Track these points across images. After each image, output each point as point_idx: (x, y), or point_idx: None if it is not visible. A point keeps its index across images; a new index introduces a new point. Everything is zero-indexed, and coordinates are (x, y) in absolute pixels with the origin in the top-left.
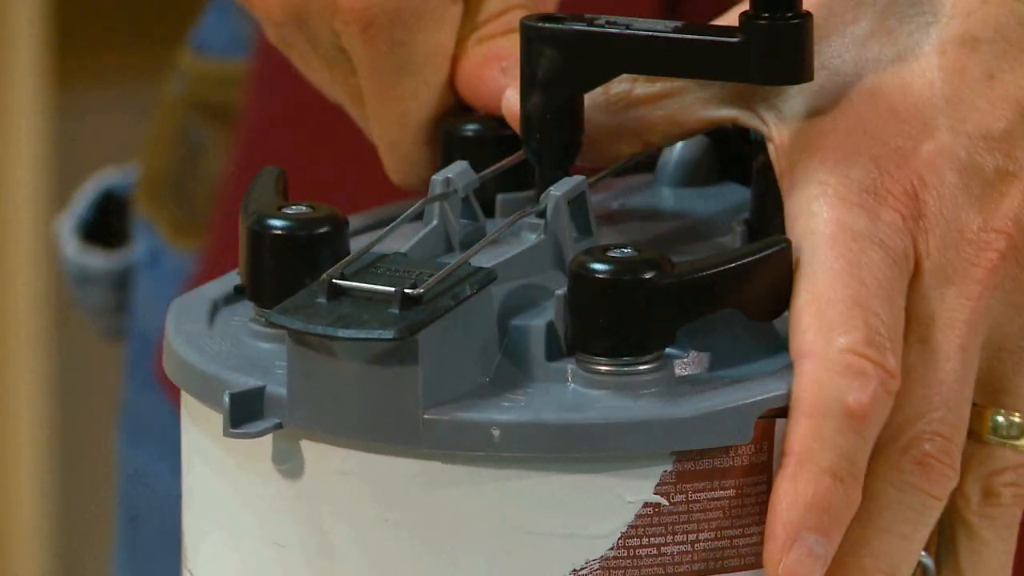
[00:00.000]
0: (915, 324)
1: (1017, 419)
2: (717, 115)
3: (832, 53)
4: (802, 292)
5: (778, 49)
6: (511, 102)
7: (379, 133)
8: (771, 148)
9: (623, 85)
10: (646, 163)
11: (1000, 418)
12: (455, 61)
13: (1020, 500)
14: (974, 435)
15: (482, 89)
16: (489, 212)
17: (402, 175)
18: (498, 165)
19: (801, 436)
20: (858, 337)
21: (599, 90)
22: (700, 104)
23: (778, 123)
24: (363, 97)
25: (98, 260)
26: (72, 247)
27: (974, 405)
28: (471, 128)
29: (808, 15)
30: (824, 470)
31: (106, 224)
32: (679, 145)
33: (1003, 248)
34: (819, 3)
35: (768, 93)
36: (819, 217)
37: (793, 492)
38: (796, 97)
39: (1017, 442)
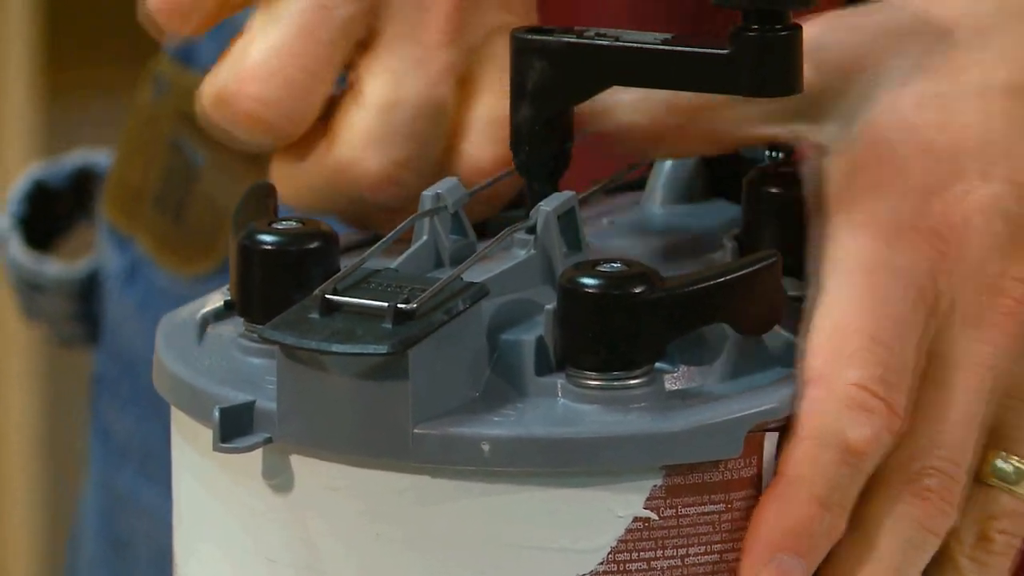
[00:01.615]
0: (933, 363)
1: (1016, 463)
2: (758, 132)
3: (873, 83)
4: (820, 318)
5: (767, 61)
6: None
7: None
8: (806, 170)
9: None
10: (636, 180)
11: (1000, 462)
12: None
13: (1011, 550)
14: (975, 476)
15: None
16: (482, 230)
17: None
18: (488, 181)
19: (796, 459)
20: (870, 373)
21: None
22: (744, 122)
23: (817, 147)
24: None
25: (53, 269)
26: (16, 249)
27: None
28: None
29: (798, 27)
30: (812, 497)
31: (41, 219)
32: (669, 162)
33: (1020, 296)
34: (863, 35)
35: (813, 114)
36: (844, 247)
37: (777, 513)
38: (834, 124)
39: (1016, 487)
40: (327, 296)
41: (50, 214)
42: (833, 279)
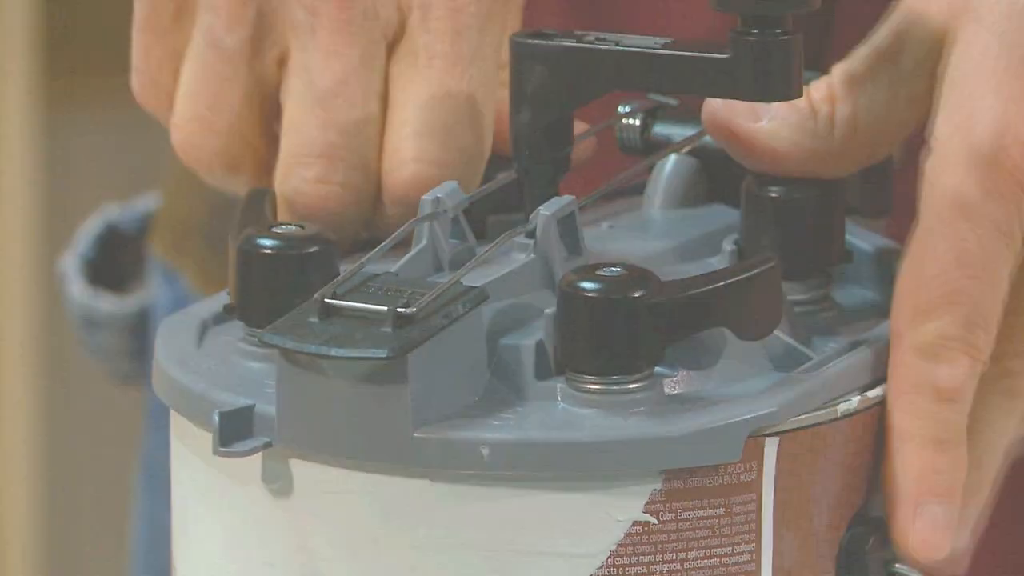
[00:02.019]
0: (1016, 296)
1: None
2: (905, 119)
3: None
4: (906, 268)
5: (767, 65)
6: None
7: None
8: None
9: (825, 107)
10: (636, 184)
11: None
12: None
13: None
14: None
15: None
16: (481, 234)
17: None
18: (487, 186)
19: (898, 413)
20: (948, 323)
21: (795, 111)
22: (888, 118)
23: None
24: None
25: (107, 304)
26: (78, 287)
27: None
28: None
29: (798, 31)
30: (926, 440)
31: (110, 261)
32: (668, 167)
33: None
34: None
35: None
36: (937, 187)
37: (902, 465)
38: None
39: None
40: (326, 300)
41: (122, 256)
42: (923, 224)
